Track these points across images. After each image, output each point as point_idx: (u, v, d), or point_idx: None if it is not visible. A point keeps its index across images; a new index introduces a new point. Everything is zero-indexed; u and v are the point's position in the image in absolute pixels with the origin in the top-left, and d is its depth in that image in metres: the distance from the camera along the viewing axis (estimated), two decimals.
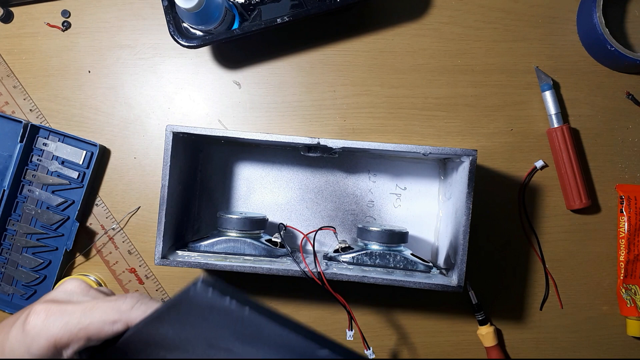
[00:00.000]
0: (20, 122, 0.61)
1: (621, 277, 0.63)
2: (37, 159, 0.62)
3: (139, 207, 0.64)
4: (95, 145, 0.62)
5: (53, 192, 0.62)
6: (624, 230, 0.63)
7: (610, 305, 0.64)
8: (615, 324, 0.64)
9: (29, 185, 0.62)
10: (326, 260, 0.55)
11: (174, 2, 0.53)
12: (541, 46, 0.65)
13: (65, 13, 0.65)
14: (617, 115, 0.65)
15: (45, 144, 0.62)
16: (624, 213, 0.63)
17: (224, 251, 0.54)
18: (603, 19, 0.61)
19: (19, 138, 0.61)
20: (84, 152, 0.62)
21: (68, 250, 0.61)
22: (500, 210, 0.64)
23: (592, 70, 0.65)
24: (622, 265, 0.63)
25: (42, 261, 0.62)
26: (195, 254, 0.54)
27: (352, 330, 0.54)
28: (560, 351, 0.64)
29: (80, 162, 0.62)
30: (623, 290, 0.63)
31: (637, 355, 0.64)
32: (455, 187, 0.56)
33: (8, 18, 0.64)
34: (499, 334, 0.63)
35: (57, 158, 0.62)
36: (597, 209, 0.65)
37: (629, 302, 0.62)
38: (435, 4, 0.65)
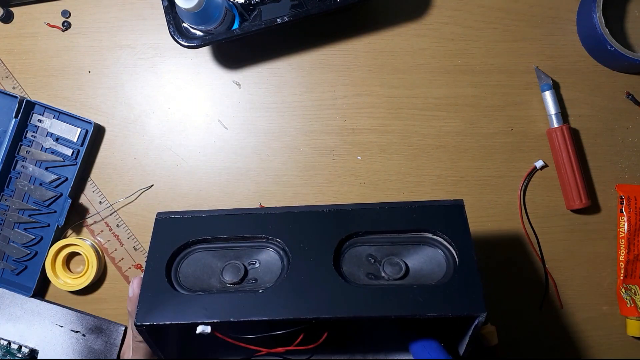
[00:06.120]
0: (16, 97, 0.61)
1: (621, 277, 0.63)
2: (32, 135, 0.62)
3: (152, 186, 0.64)
4: (90, 123, 0.62)
5: (47, 168, 0.62)
6: (624, 230, 0.63)
7: (610, 305, 0.64)
8: (615, 324, 0.64)
9: (23, 161, 0.62)
10: None
11: (174, 2, 0.53)
12: (541, 46, 0.65)
13: (65, 13, 0.65)
14: (617, 115, 0.65)
15: (40, 121, 0.62)
16: (624, 213, 0.63)
17: None
18: (603, 19, 0.61)
19: (14, 113, 0.61)
20: (79, 129, 0.62)
21: (60, 226, 0.61)
22: (500, 210, 0.64)
23: (592, 70, 0.65)
24: (622, 265, 0.63)
25: (33, 237, 0.62)
26: None
27: None
28: (560, 351, 0.64)
29: (75, 140, 0.62)
30: (623, 290, 0.63)
31: (637, 355, 0.64)
32: None
33: (8, 18, 0.64)
34: (499, 333, 0.63)
35: (51, 135, 0.62)
36: (597, 209, 0.65)
37: (629, 302, 0.62)
38: (435, 4, 0.65)
